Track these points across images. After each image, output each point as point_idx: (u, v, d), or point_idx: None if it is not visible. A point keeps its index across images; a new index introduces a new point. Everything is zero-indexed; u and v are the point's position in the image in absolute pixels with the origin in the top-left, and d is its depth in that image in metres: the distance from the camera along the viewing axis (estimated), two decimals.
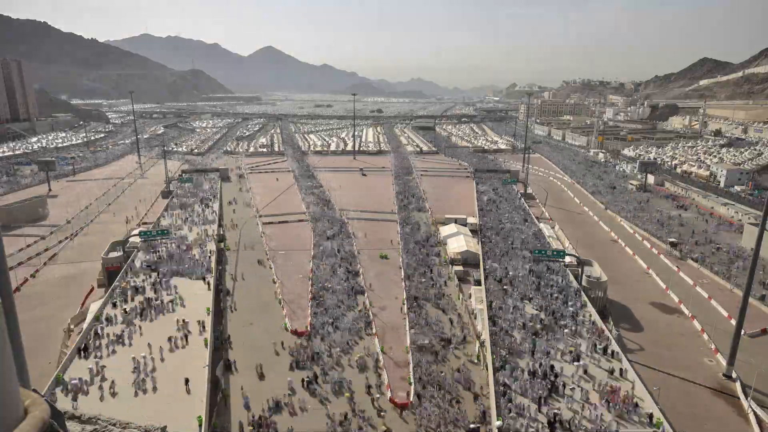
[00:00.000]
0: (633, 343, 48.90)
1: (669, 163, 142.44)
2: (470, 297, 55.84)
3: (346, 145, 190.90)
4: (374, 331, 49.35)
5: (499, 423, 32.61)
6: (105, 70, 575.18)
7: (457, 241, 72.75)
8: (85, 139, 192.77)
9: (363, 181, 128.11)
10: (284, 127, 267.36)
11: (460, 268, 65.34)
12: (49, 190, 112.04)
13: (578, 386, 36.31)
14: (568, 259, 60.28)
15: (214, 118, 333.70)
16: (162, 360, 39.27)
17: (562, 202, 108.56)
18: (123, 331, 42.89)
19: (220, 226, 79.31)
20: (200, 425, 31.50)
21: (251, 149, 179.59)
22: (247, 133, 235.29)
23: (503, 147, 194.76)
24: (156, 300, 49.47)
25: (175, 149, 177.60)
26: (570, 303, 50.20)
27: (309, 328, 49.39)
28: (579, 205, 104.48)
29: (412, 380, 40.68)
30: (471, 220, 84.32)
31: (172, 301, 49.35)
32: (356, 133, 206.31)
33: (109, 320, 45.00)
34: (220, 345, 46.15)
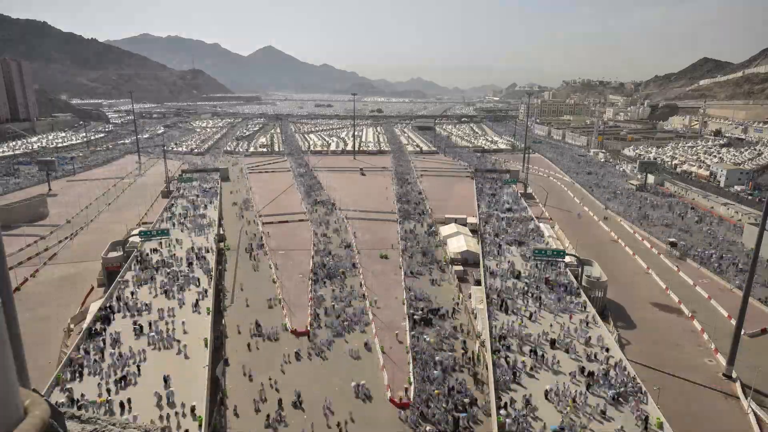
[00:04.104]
0: (632, 342, 48.92)
1: (669, 163, 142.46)
2: (470, 297, 55.83)
3: (346, 145, 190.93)
4: (374, 330, 49.38)
5: (501, 419, 32.61)
6: (105, 70, 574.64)
7: (457, 241, 72.78)
8: (85, 139, 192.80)
9: (363, 180, 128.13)
10: (284, 127, 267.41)
11: (460, 268, 65.36)
12: (49, 189, 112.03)
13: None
14: (568, 259, 60.23)
15: (214, 118, 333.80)
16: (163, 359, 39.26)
17: (562, 202, 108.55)
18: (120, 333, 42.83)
19: (219, 226, 79.23)
20: (200, 425, 31.49)
21: (251, 149, 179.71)
22: (247, 133, 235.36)
23: (503, 147, 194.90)
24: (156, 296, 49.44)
25: (175, 149, 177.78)
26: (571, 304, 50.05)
27: (309, 328, 49.50)
28: (579, 205, 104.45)
29: (412, 380, 40.68)
30: (471, 220, 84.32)
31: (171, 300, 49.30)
32: (356, 133, 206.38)
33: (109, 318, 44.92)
34: (219, 345, 46.20)
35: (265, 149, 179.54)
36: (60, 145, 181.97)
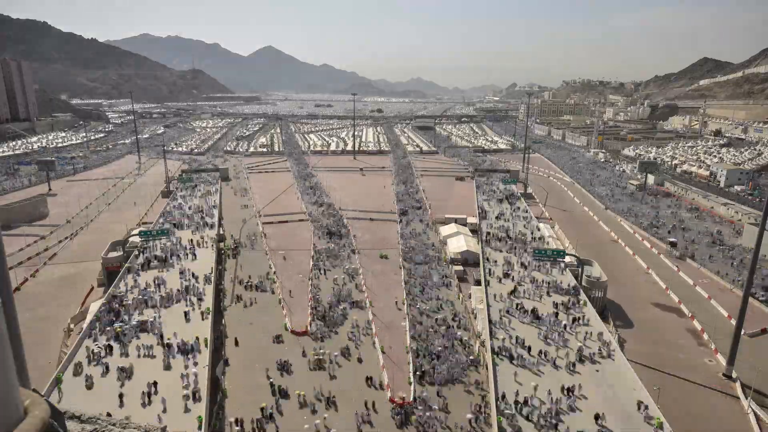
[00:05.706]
0: (632, 342, 48.89)
1: (669, 163, 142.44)
2: (470, 297, 55.83)
3: (346, 145, 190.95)
4: (374, 330, 49.37)
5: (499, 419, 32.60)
6: (105, 70, 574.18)
7: (457, 241, 72.76)
8: (85, 139, 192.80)
9: (363, 180, 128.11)
10: (284, 127, 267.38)
11: (460, 268, 65.34)
12: (49, 189, 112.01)
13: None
14: (568, 259, 60.18)
15: (214, 117, 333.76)
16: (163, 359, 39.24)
17: (562, 202, 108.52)
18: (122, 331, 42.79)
19: (219, 226, 79.14)
20: (200, 425, 31.47)
21: (251, 149, 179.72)
22: (247, 133, 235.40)
23: (503, 147, 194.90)
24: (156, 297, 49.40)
25: (175, 149, 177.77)
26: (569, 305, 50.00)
27: (309, 328, 49.51)
28: (579, 205, 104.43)
29: (411, 380, 40.69)
30: (471, 220, 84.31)
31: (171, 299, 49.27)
32: (356, 133, 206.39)
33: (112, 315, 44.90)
34: (219, 345, 46.20)
35: (265, 149, 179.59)
36: (60, 145, 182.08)
